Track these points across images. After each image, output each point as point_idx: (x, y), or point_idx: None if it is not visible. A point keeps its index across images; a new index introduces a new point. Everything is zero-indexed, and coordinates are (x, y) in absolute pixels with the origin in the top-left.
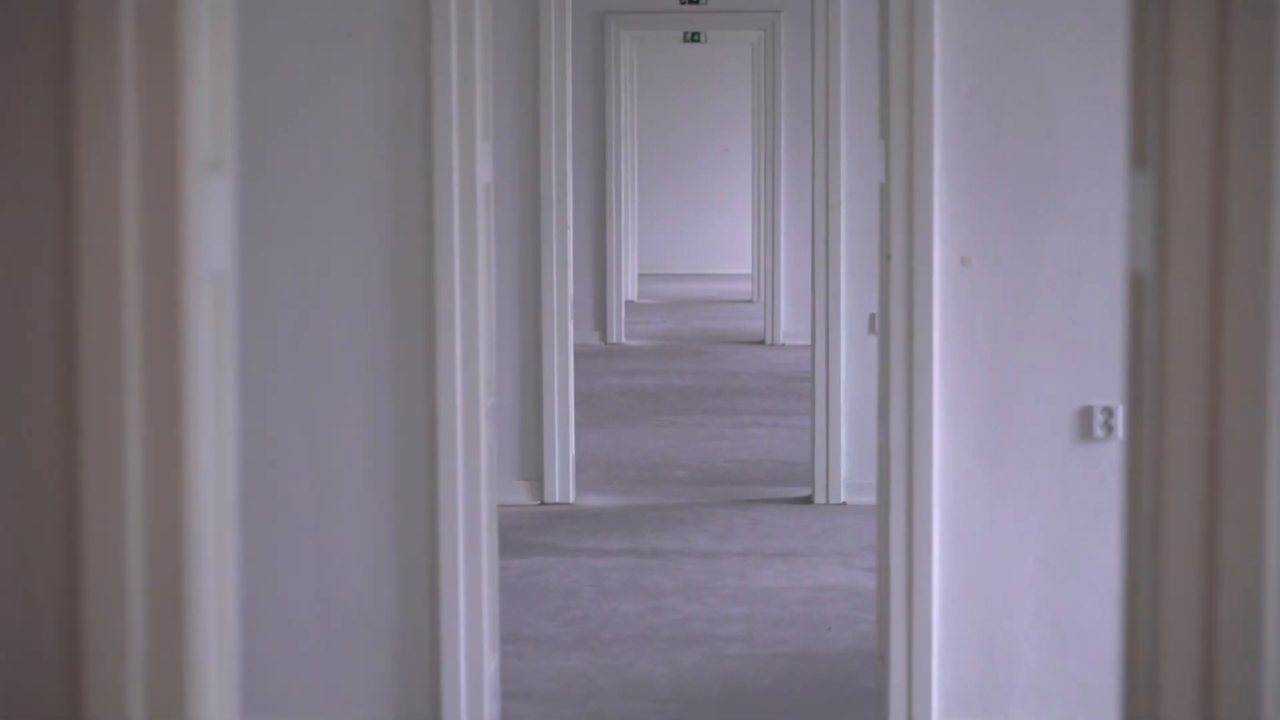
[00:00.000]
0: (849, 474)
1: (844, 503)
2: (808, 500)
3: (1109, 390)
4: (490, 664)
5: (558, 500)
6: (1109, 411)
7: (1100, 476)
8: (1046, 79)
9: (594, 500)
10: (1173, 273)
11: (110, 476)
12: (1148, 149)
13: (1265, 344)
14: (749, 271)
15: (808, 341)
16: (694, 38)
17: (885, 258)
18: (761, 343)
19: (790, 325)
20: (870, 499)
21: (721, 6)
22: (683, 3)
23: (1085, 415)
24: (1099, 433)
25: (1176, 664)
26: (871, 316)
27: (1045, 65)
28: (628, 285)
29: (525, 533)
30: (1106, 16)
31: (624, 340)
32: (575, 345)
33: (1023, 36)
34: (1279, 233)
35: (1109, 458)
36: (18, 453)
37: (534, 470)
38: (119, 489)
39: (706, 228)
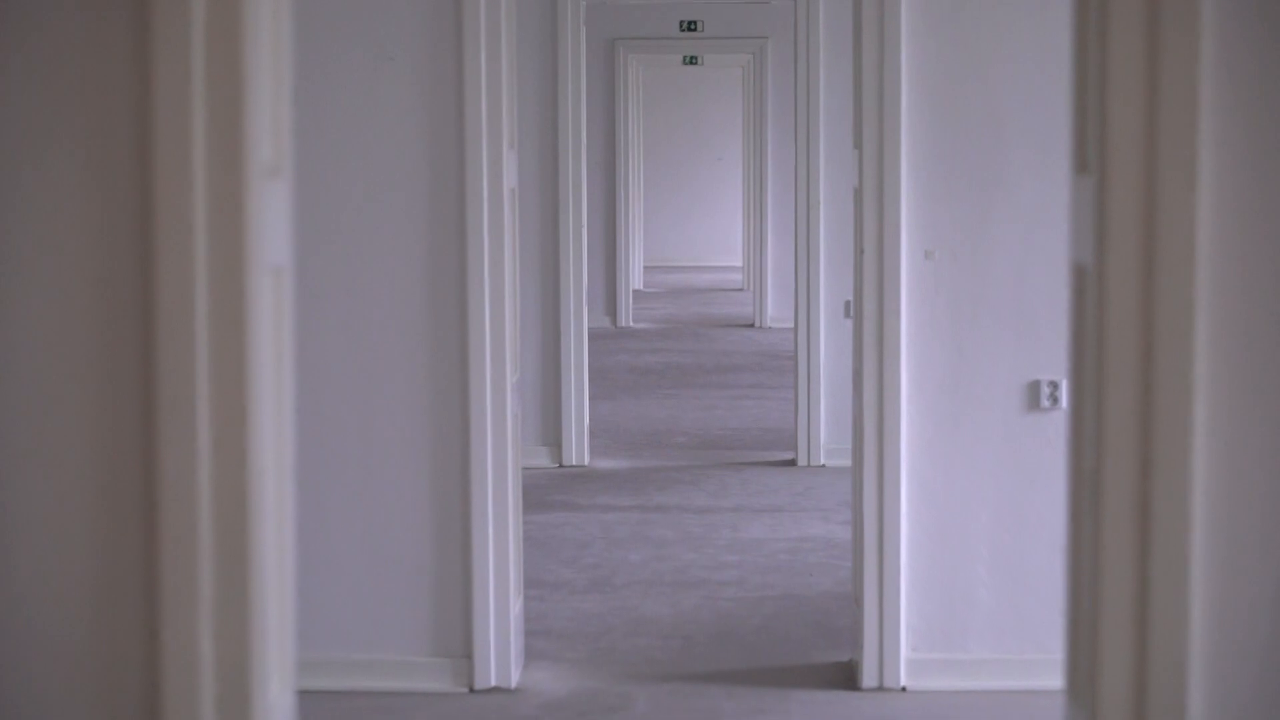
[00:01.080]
0: (827, 440)
1: (823, 465)
2: (791, 463)
3: (1054, 366)
4: (515, 605)
5: (574, 463)
6: (1054, 385)
7: (1046, 441)
8: (999, 96)
9: (605, 463)
10: (1110, 264)
11: (184, 442)
12: (1088, 156)
13: (1190, 326)
14: (740, 263)
15: (791, 324)
16: (692, 60)
17: (859, 251)
18: (751, 326)
19: (776, 310)
20: (846, 461)
21: (716, 34)
22: (683, 30)
23: (1033, 388)
24: (1045, 403)
25: (1113, 603)
26: (847, 303)
27: (998, 85)
28: (634, 275)
29: (545, 491)
30: (1052, 41)
31: (631, 324)
32: (589, 328)
33: (978, 60)
34: (1203, 229)
35: (1054, 425)
36: (105, 421)
37: (553, 436)
38: (191, 453)
39: (703, 225)
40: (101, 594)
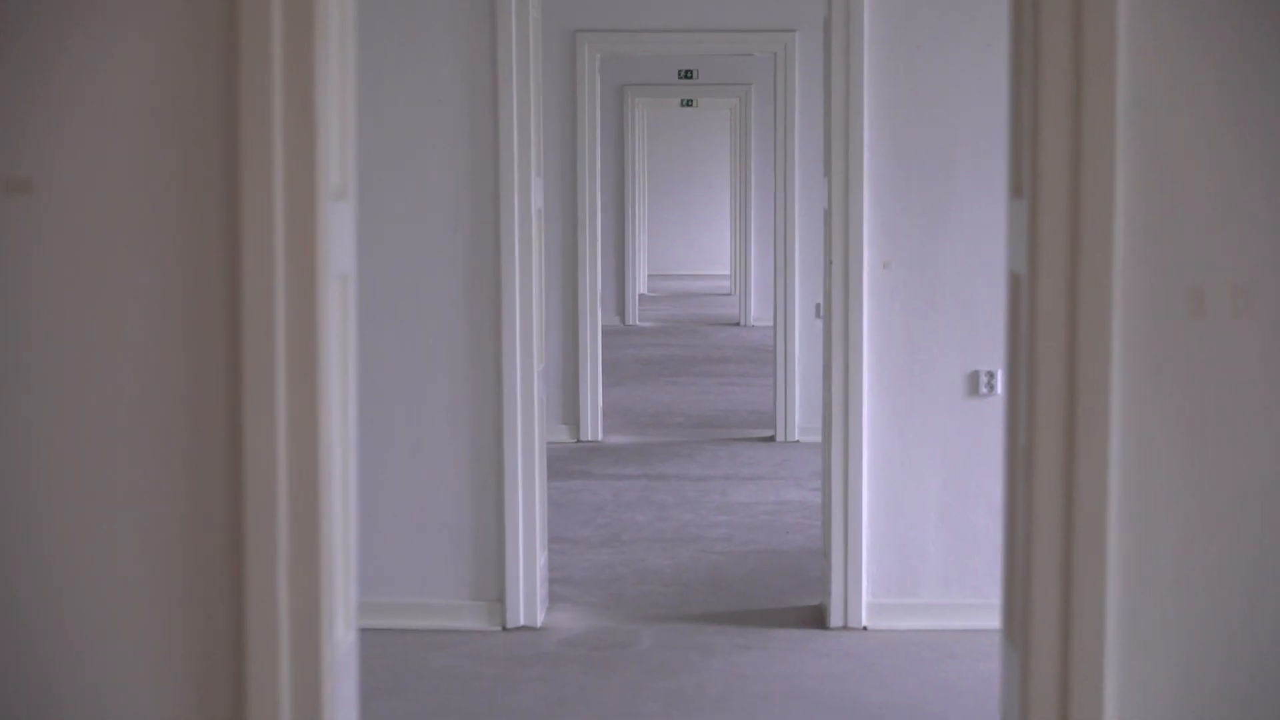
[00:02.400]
0: (801, 419)
1: (797, 440)
2: (771, 439)
3: (991, 359)
4: (541, 557)
5: (590, 439)
6: (991, 374)
7: (985, 422)
8: (946, 132)
9: (616, 439)
10: (1040, 273)
11: (264, 422)
12: (1023, 183)
13: (1107, 325)
14: (728, 272)
15: (771, 323)
16: (688, 103)
17: (828, 262)
18: (737, 324)
19: (758, 311)
20: (816, 438)
21: (708, 81)
22: (680, 77)
23: (974, 377)
24: (983, 390)
25: (1043, 556)
26: (817, 305)
27: (946, 122)
28: (640, 282)
29: (566, 462)
30: (991, 85)
31: (638, 322)
32: (602, 325)
33: (929, 101)
34: (1119, 245)
35: (991, 409)
36: (198, 405)
37: (572, 416)
38: (270, 432)
39: (697, 240)
40: (195, 553)
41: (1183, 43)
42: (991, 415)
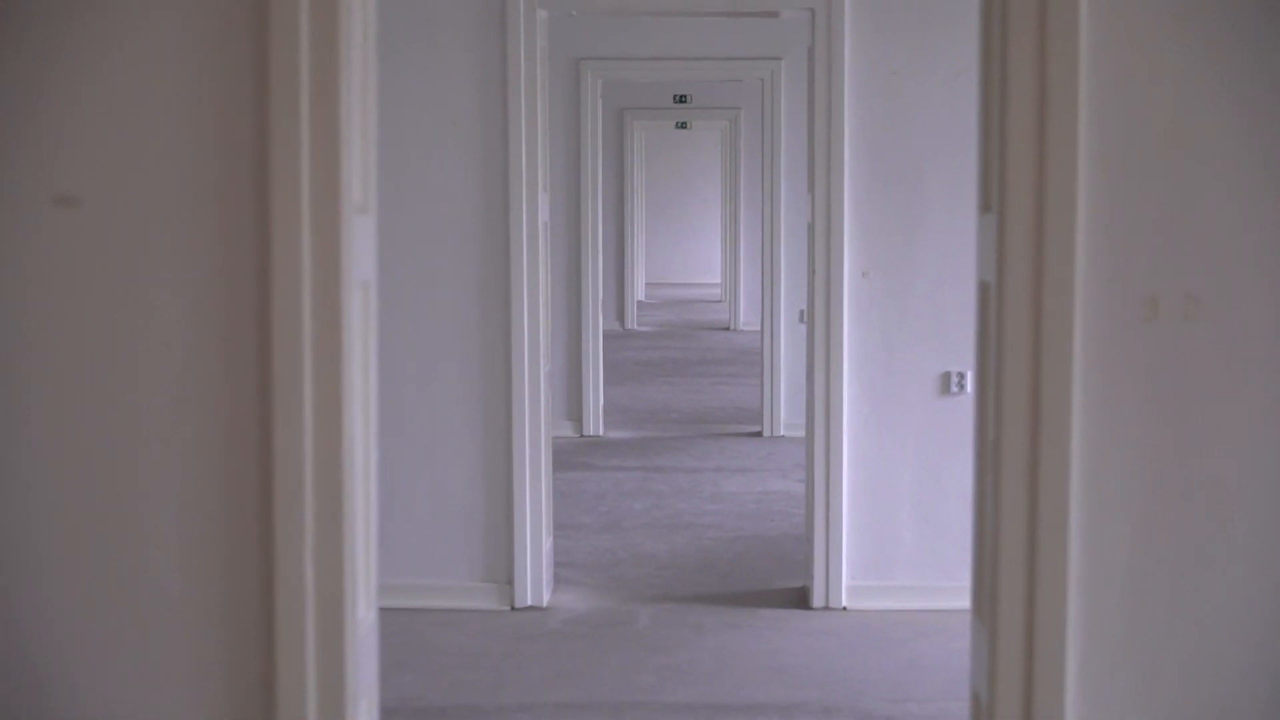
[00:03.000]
0: (786, 416)
1: (782, 435)
2: (758, 434)
3: (962, 360)
4: (547, 542)
5: (592, 433)
6: (961, 375)
7: (956, 419)
8: (920, 153)
9: (616, 434)
10: (1007, 282)
11: (292, 416)
12: (991, 199)
13: (1069, 330)
14: (719, 280)
15: (758, 328)
16: (682, 125)
17: (811, 272)
18: (727, 329)
19: (746, 317)
20: (800, 433)
21: (701, 105)
22: (675, 101)
23: (945, 378)
24: (955, 389)
25: (1009, 542)
26: (801, 311)
27: (920, 144)
28: (638, 289)
29: (570, 455)
30: (961, 110)
31: (636, 327)
32: (603, 330)
33: (904, 125)
34: (1080, 256)
35: (962, 406)
36: (231, 401)
37: (576, 413)
38: (298, 425)
39: (690, 251)
40: (228, 538)
41: (1139, 72)
42: (962, 412)
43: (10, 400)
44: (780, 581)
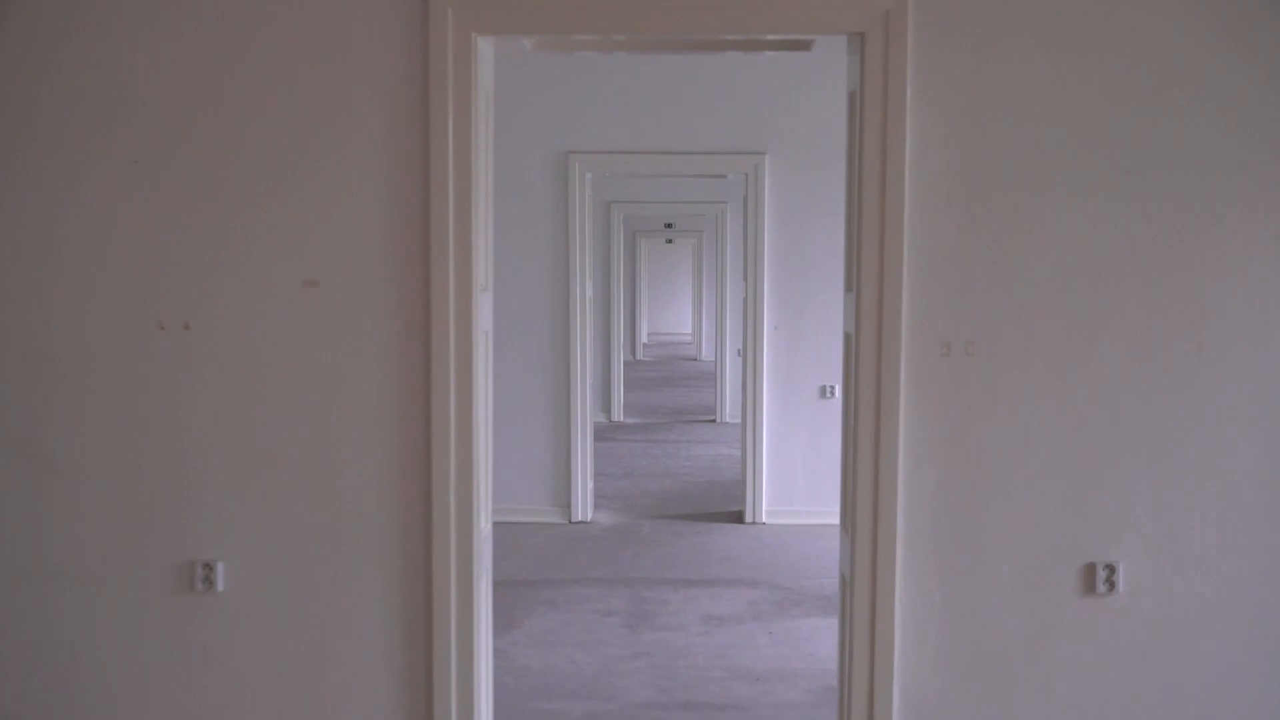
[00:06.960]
0: (730, 410)
1: (728, 421)
2: (713, 421)
3: (834, 377)
4: (590, 483)
5: (616, 420)
6: (833, 387)
7: (830, 413)
8: (809, 256)
9: (630, 420)
10: (861, 333)
11: (441, 410)
12: (852, 282)
13: (897, 363)
14: (690, 330)
15: (714, 358)
16: (669, 240)
17: (744, 325)
18: (695, 359)
19: (706, 352)
20: (738, 420)
21: (680, 229)
22: (665, 227)
23: (824, 388)
24: (829, 395)
25: (863, 479)
26: (738, 349)
27: (809, 252)
28: (643, 335)
29: (602, 432)
30: (834, 229)
31: (642, 357)
32: (623, 358)
33: (800, 241)
34: (904, 316)
35: (833, 406)
36: (407, 403)
37: (606, 406)
38: (445, 415)
39: (673, 313)
40: (404, 482)
41: (939, 209)
42: (834, 409)
43: (271, 409)
44: (727, 507)
